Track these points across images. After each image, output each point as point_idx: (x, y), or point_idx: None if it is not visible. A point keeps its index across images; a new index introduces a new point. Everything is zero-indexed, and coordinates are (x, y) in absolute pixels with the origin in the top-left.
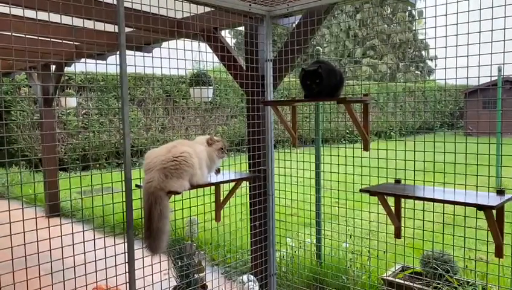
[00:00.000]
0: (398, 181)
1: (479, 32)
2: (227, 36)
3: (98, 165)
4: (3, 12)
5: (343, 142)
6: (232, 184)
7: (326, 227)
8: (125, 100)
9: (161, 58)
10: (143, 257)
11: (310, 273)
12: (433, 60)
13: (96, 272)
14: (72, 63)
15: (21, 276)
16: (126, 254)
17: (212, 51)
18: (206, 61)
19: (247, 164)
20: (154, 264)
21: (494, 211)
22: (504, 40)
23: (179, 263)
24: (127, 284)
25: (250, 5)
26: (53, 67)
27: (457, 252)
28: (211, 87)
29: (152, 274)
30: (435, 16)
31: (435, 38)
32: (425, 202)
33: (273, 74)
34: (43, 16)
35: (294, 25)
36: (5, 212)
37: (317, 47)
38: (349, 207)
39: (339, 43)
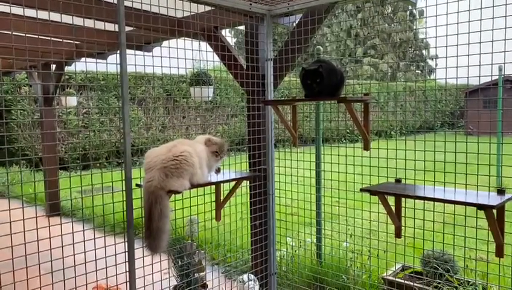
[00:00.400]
0: (398, 180)
1: (480, 31)
2: (228, 35)
3: (98, 165)
4: (3, 12)
5: (344, 141)
6: (232, 183)
7: (327, 226)
8: (126, 99)
9: (161, 57)
10: (143, 256)
11: (310, 272)
12: (434, 59)
13: (96, 271)
14: (72, 62)
15: (21, 275)
16: (126, 253)
17: (212, 50)
18: (207, 61)
19: (248, 163)
20: (154, 264)
21: (494, 211)
22: (505, 40)
23: (179, 262)
24: (127, 283)
25: (250, 4)
26: (53, 66)
27: (457, 252)
28: (211, 86)
29: (152, 273)
30: (436, 15)
31: (436, 37)
32: (426, 201)
33: (274, 73)
34: (43, 15)
35: (294, 24)
36: (5, 212)
37: (317, 46)
38: (350, 207)
39: (339, 42)
